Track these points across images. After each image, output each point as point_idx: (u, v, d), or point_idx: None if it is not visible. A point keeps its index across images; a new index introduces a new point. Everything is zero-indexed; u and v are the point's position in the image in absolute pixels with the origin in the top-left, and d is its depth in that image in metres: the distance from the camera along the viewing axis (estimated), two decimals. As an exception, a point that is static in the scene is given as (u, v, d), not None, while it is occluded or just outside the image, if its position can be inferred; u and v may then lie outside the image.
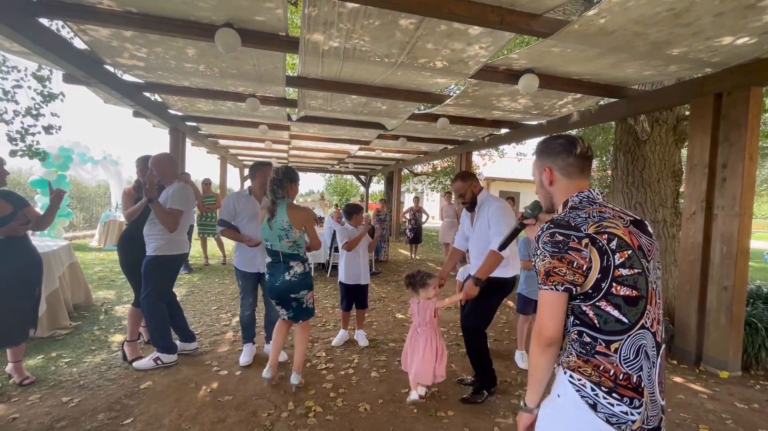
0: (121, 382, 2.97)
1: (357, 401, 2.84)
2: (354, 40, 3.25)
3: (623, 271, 1.12)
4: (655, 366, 1.15)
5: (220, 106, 5.87)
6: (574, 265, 1.11)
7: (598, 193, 1.25)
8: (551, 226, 1.17)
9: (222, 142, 9.83)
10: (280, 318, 3.03)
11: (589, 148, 1.30)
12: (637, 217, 1.27)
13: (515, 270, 2.95)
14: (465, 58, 3.55)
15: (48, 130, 5.33)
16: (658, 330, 1.17)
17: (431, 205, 22.49)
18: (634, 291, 1.12)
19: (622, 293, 1.12)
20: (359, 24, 2.97)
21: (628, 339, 1.12)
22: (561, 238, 1.14)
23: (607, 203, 1.26)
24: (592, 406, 1.11)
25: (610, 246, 1.12)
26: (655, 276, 1.18)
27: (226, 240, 7.64)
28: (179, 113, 6.66)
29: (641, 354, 1.13)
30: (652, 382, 1.13)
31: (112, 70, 4.49)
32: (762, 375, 3.52)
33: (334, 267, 7.30)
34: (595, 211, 1.19)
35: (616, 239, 1.13)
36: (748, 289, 3.95)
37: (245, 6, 2.86)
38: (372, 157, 11.00)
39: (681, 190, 4.52)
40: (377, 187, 25.25)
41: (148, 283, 3.18)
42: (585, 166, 1.28)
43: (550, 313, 1.15)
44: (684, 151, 4.43)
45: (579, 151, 1.27)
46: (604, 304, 1.13)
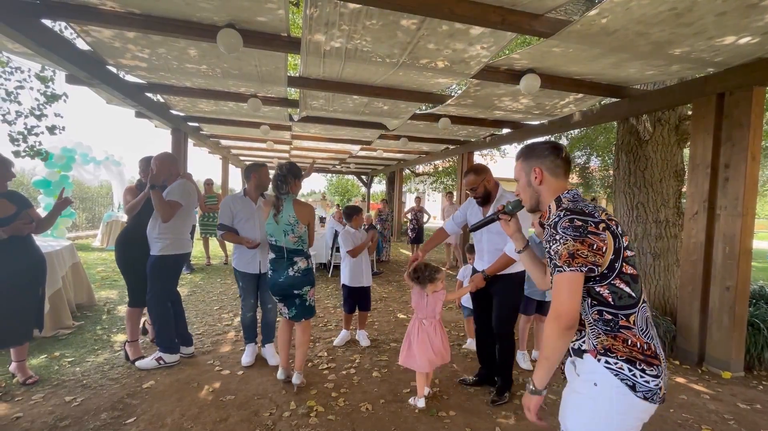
0: (123, 382, 2.98)
1: (359, 401, 2.84)
2: (355, 40, 3.25)
3: (629, 252, 1.25)
4: (657, 336, 1.28)
5: (221, 106, 5.88)
6: (594, 247, 1.20)
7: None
8: (568, 213, 1.25)
9: (224, 142, 9.85)
10: (282, 317, 3.05)
11: (568, 154, 1.45)
12: None
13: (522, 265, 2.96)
14: (466, 58, 3.55)
15: (52, 130, 5.36)
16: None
17: (433, 205, 22.47)
18: (635, 270, 1.26)
19: (629, 272, 1.25)
20: (361, 24, 2.98)
21: (639, 312, 1.25)
22: (580, 223, 1.21)
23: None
24: (632, 387, 1.19)
25: (618, 230, 1.25)
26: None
27: (227, 240, 7.65)
28: (181, 114, 6.68)
29: (649, 324, 1.27)
30: (660, 350, 1.26)
31: (115, 70, 4.51)
32: (765, 376, 3.51)
33: (336, 267, 7.31)
34: (590, 203, 1.31)
35: (619, 226, 1.27)
36: (751, 290, 3.94)
37: (247, 7, 2.86)
38: (373, 157, 11.01)
39: (683, 190, 4.51)
40: (379, 187, 25.28)
41: (154, 283, 3.19)
42: (567, 168, 1.43)
43: (570, 294, 1.20)
44: (686, 151, 4.42)
45: (564, 155, 1.41)
46: (618, 282, 1.24)
